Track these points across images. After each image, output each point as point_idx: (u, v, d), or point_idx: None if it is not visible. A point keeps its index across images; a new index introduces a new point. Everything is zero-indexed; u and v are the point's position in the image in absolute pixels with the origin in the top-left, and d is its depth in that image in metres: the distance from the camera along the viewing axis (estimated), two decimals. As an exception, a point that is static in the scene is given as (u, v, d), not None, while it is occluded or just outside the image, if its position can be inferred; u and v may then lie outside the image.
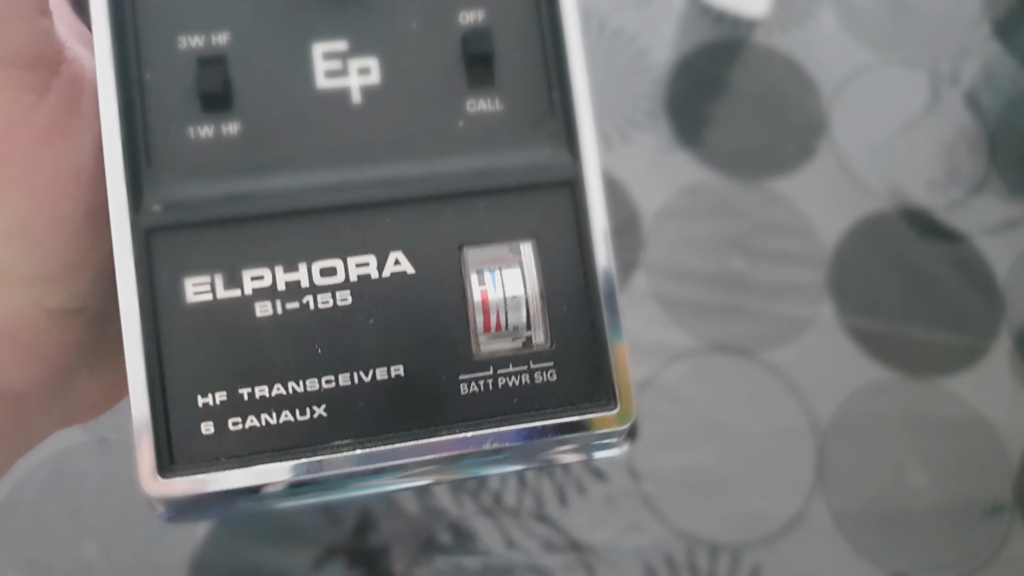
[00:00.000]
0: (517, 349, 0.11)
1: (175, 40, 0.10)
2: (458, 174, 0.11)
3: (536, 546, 0.42)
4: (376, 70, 0.11)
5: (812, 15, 0.58)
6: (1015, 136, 0.54)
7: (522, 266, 0.11)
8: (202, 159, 0.10)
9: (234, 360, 0.10)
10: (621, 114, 0.54)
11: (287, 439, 0.10)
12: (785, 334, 0.48)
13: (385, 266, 0.10)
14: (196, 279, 0.10)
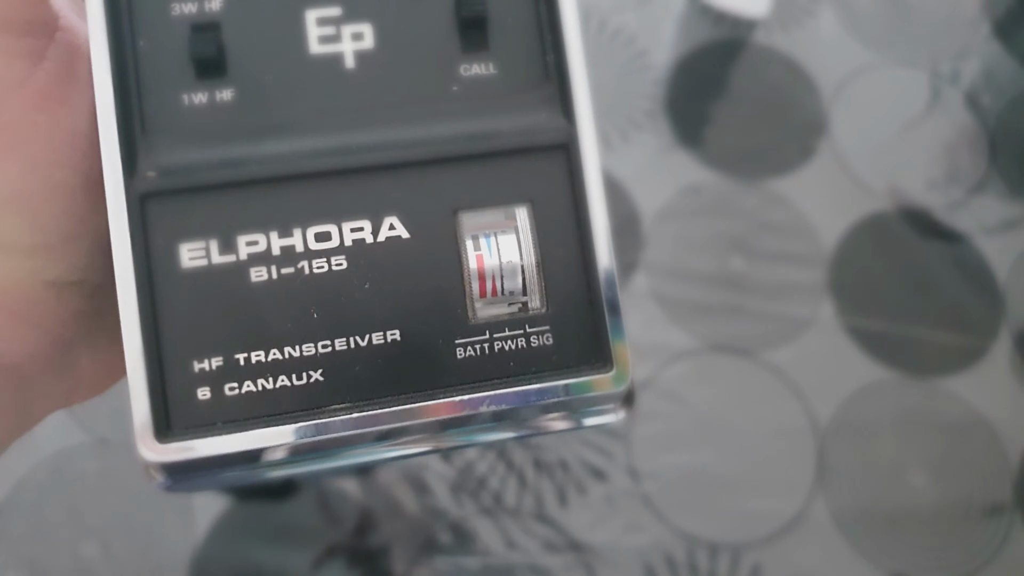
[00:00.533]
0: (513, 314, 0.11)
1: (168, 6, 0.10)
2: (452, 138, 0.11)
3: (536, 546, 0.42)
4: (369, 35, 0.11)
5: (812, 15, 0.58)
6: (1015, 136, 0.54)
7: (518, 231, 0.11)
8: (196, 125, 0.10)
9: (230, 325, 0.10)
10: (621, 114, 0.54)
11: (284, 404, 0.10)
12: (785, 334, 0.47)
13: (380, 231, 0.10)
14: (191, 244, 0.10)
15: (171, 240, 0.10)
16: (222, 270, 0.10)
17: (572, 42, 0.11)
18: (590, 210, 0.12)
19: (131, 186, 0.10)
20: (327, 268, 0.10)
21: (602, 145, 0.52)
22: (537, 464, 0.44)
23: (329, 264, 0.10)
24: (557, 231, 0.11)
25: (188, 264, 0.10)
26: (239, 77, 0.10)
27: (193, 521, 0.42)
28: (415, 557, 0.41)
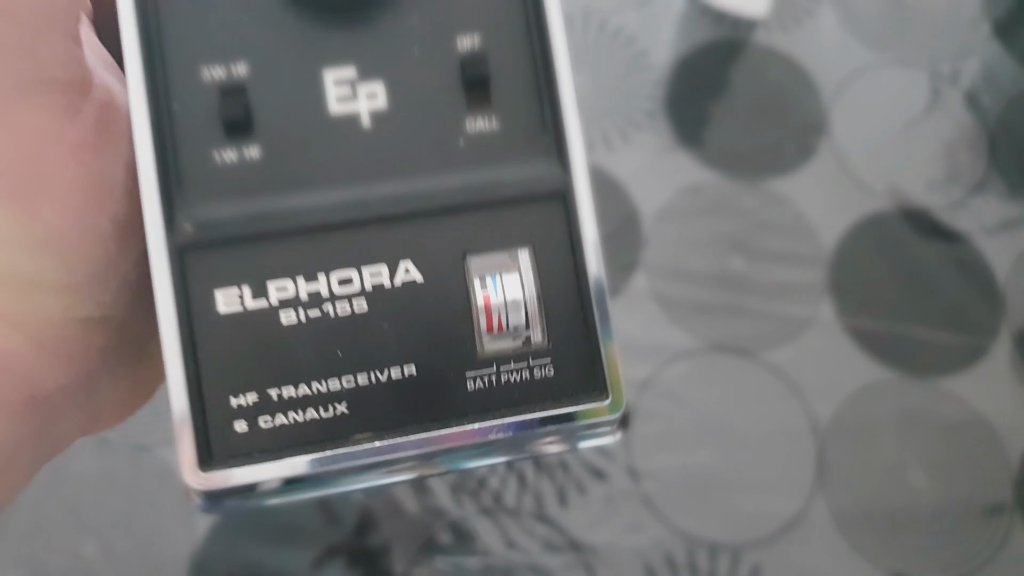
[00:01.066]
0: (517, 347, 0.12)
1: (199, 71, 0.11)
2: (460, 189, 0.12)
3: (536, 546, 0.42)
4: (382, 94, 0.12)
5: (812, 15, 0.58)
6: (1015, 136, 0.54)
7: (520, 272, 0.12)
8: (227, 181, 0.12)
9: (263, 364, 0.11)
10: (621, 114, 0.54)
11: (313, 434, 0.11)
12: (785, 334, 0.47)
13: (396, 275, 0.12)
14: (226, 291, 0.11)
15: (208, 287, 0.11)
16: (255, 314, 0.11)
17: (567, 97, 0.12)
18: (585, 252, 0.13)
19: (171, 240, 0.11)
20: (350, 310, 0.12)
21: (602, 145, 0.53)
22: (537, 464, 0.44)
23: (351, 306, 0.12)
24: (556, 271, 0.12)
25: (224, 309, 0.11)
26: (265, 136, 0.12)
27: (193, 521, 0.42)
28: (415, 557, 0.41)
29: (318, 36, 0.12)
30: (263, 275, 0.11)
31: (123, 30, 0.11)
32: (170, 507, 0.43)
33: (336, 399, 0.11)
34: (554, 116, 0.12)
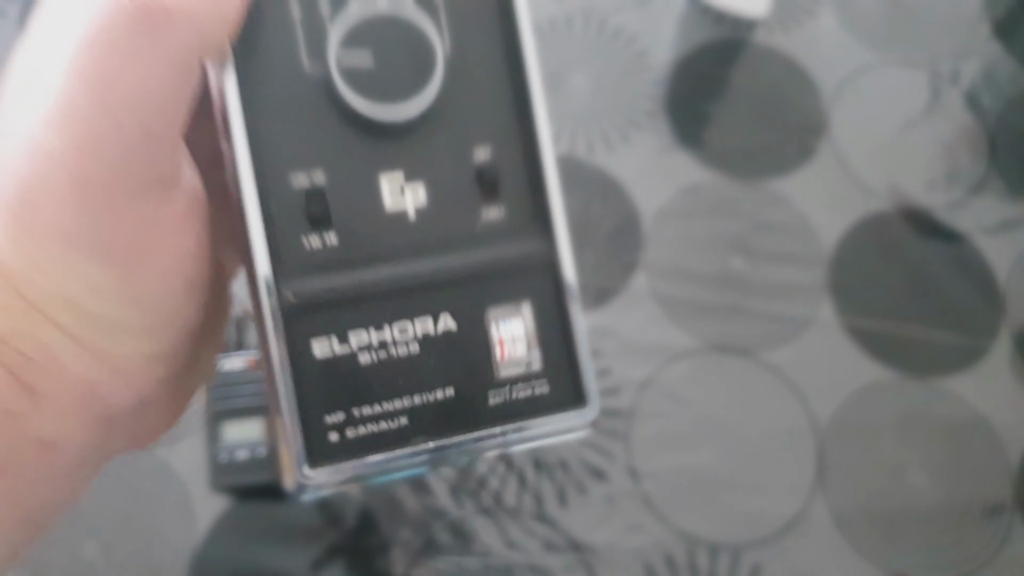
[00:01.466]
0: (522, 372, 0.16)
1: (288, 178, 0.15)
2: (480, 262, 0.16)
3: (536, 546, 0.42)
4: (423, 193, 0.16)
5: (812, 15, 0.58)
6: (1015, 136, 0.54)
7: (523, 318, 0.16)
8: (314, 260, 0.16)
9: (347, 391, 0.16)
10: (621, 114, 0.54)
11: (384, 440, 0.16)
12: (785, 334, 0.47)
13: (438, 324, 0.16)
14: (319, 341, 0.16)
15: (306, 339, 0.15)
16: (340, 356, 0.16)
17: (553, 192, 0.17)
18: (569, 306, 0.17)
19: (279, 305, 0.15)
20: (407, 351, 0.16)
21: (602, 145, 0.53)
22: (537, 464, 0.44)
23: (408, 348, 0.16)
24: (548, 317, 0.17)
25: (318, 354, 0.16)
26: (340, 227, 0.16)
27: (193, 521, 0.42)
28: (415, 557, 0.41)
29: (375, 148, 0.16)
30: (345, 328, 0.16)
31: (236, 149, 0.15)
32: (170, 507, 0.43)
33: (399, 414, 0.16)
34: (543, 207, 0.17)
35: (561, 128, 0.53)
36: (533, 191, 0.17)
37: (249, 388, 0.41)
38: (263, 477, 0.40)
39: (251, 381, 0.41)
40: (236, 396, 0.41)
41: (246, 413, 0.41)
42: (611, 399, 0.45)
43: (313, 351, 0.15)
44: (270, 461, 0.40)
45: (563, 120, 0.53)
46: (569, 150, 0.52)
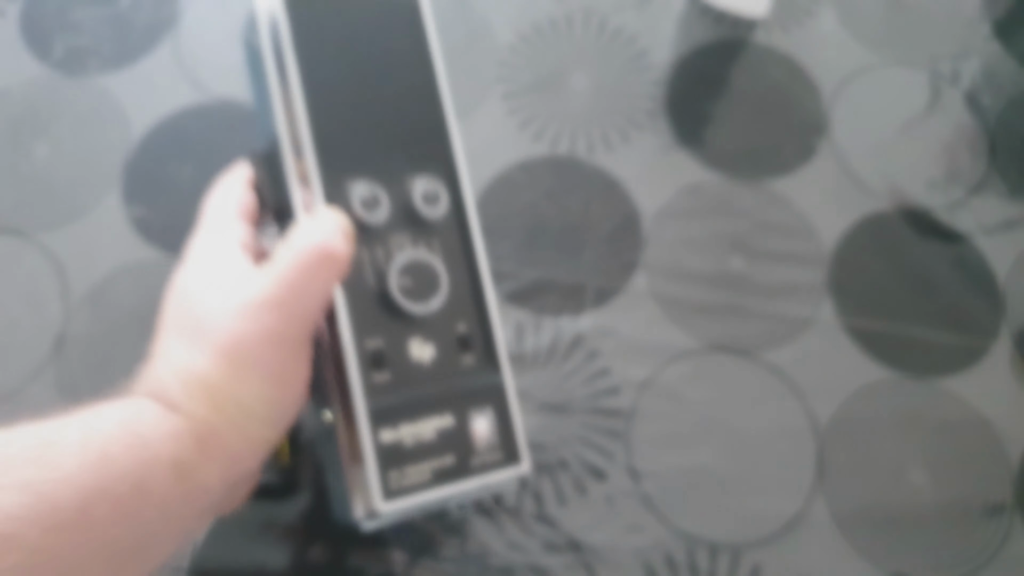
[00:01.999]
0: (486, 446, 0.28)
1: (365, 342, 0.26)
2: (463, 387, 0.28)
3: (536, 546, 0.42)
4: (431, 349, 0.27)
5: (812, 15, 0.58)
6: (1015, 136, 0.55)
7: (487, 417, 0.28)
8: (378, 386, 0.27)
9: (397, 457, 0.26)
10: (621, 114, 0.54)
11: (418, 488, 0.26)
12: (785, 334, 0.48)
13: (443, 420, 0.28)
14: (384, 430, 0.26)
15: (379, 430, 0.26)
16: (395, 438, 0.26)
17: (500, 348, 0.29)
18: (510, 409, 0.28)
19: (364, 410, 0.26)
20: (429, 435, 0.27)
21: (602, 145, 0.53)
22: (537, 464, 0.44)
23: (429, 433, 0.27)
24: (501, 415, 0.28)
25: (384, 439, 0.26)
26: (391, 369, 0.27)
27: (193, 521, 0.42)
28: (414, 557, 0.41)
29: (408, 326, 0.27)
30: (397, 422, 0.27)
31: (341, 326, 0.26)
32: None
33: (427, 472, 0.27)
34: (494, 357, 0.29)
35: (561, 128, 0.53)
36: (487, 349, 0.28)
37: None
38: (264, 478, 0.40)
39: None
40: None
41: None
42: (611, 399, 0.45)
43: (382, 436, 0.26)
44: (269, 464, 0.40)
45: (563, 120, 0.53)
46: (569, 150, 0.52)
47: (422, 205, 0.27)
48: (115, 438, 0.21)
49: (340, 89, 0.26)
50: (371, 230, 0.26)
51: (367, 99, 0.27)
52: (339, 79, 0.26)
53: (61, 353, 0.46)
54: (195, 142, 0.52)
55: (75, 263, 0.48)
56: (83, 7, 0.57)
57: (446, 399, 0.27)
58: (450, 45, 0.57)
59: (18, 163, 0.51)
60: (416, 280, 0.26)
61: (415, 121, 0.28)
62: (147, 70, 0.54)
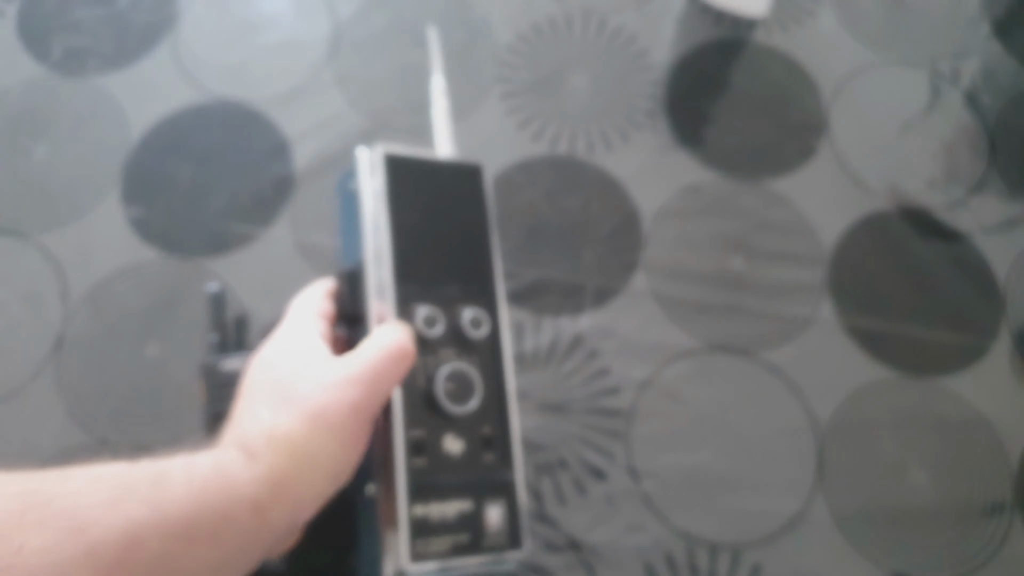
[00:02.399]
0: (496, 531, 0.31)
1: (411, 434, 0.31)
2: (483, 479, 0.32)
3: (536, 545, 0.42)
4: (461, 445, 0.32)
5: (812, 15, 0.58)
6: (1015, 135, 0.55)
7: (499, 508, 0.32)
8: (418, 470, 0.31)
9: (427, 528, 0.30)
10: (621, 114, 0.54)
11: (440, 555, 0.30)
12: (785, 334, 0.48)
13: (464, 506, 0.31)
14: (417, 506, 0.30)
15: (414, 504, 0.30)
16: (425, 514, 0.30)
17: (516, 451, 0.32)
18: (519, 506, 0.32)
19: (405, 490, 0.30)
20: (452, 516, 0.31)
21: (602, 145, 0.53)
22: (537, 464, 0.44)
23: (452, 514, 0.31)
24: (511, 509, 0.32)
25: (417, 513, 0.30)
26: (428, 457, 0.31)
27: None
28: (415, 557, 0.41)
29: (444, 424, 0.32)
30: (428, 502, 0.30)
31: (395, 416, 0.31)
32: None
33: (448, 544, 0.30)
34: (509, 458, 0.32)
35: (561, 128, 0.53)
36: (505, 451, 0.33)
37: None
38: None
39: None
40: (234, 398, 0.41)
41: None
42: (611, 399, 0.45)
43: (415, 509, 0.30)
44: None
45: (563, 120, 0.53)
46: (569, 150, 0.52)
47: (468, 328, 0.33)
48: (210, 476, 0.26)
49: (417, 233, 0.34)
50: (427, 343, 0.33)
51: (437, 242, 0.35)
52: (417, 225, 0.34)
53: (61, 353, 0.46)
54: (194, 142, 0.52)
55: (74, 263, 0.48)
56: (81, 7, 0.57)
57: (468, 487, 0.32)
58: (450, 45, 0.57)
59: (17, 164, 0.51)
60: (457, 386, 0.32)
61: (470, 263, 0.35)
62: (146, 70, 0.54)
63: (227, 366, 0.42)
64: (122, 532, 0.22)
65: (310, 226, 0.49)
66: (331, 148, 0.52)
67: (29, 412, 0.44)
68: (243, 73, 0.54)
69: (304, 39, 0.56)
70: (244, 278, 0.47)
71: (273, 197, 0.50)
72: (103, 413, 0.44)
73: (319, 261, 0.48)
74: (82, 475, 0.24)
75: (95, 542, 0.22)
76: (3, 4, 0.57)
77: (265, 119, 0.53)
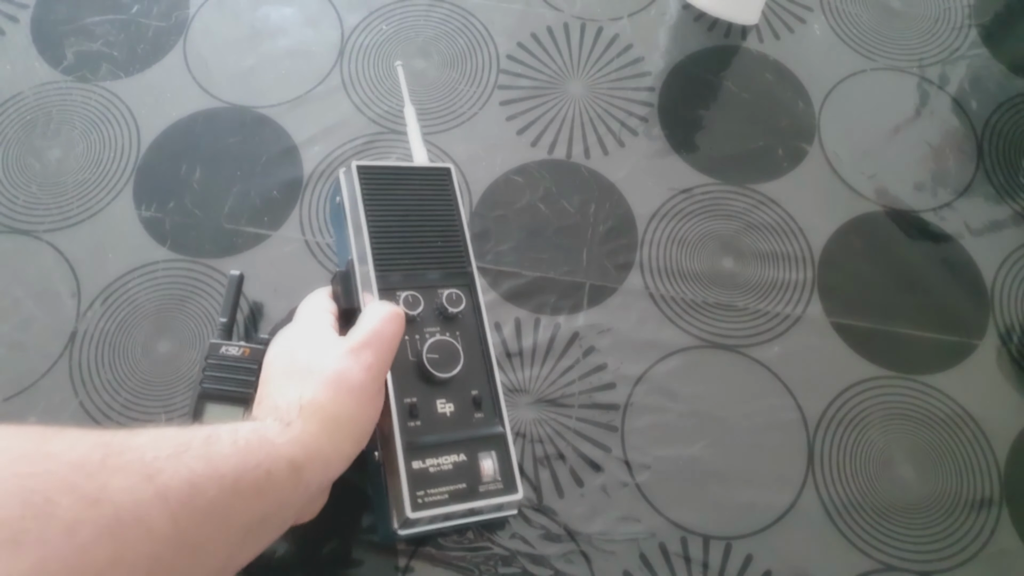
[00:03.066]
0: (491, 478, 0.36)
1: (404, 401, 0.37)
2: (475, 434, 0.37)
3: (534, 536, 0.43)
4: (451, 406, 0.37)
5: (803, 22, 0.59)
6: (1002, 139, 0.55)
7: (492, 458, 0.37)
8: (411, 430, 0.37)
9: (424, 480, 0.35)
10: (616, 119, 0.55)
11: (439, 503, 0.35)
12: (775, 332, 0.48)
13: (459, 457, 0.37)
14: (415, 461, 0.36)
15: (411, 461, 0.36)
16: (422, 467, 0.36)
17: (503, 408, 0.38)
18: (510, 453, 0.37)
19: (401, 448, 0.36)
20: (448, 466, 0.36)
21: (598, 150, 0.54)
22: (535, 457, 0.45)
23: (448, 466, 0.37)
24: (503, 457, 0.37)
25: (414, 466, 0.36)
26: (422, 418, 0.37)
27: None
28: (417, 549, 0.42)
29: (435, 389, 0.37)
30: (424, 456, 0.36)
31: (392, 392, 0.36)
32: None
33: (445, 492, 0.35)
34: (500, 415, 0.38)
35: (558, 133, 0.54)
36: (494, 408, 0.37)
37: (240, 376, 0.42)
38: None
39: (243, 368, 0.43)
40: (227, 381, 0.42)
41: (231, 399, 0.42)
42: (607, 394, 0.46)
43: (413, 464, 0.35)
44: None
45: (561, 125, 0.54)
46: (567, 155, 0.53)
47: (448, 305, 0.38)
48: (252, 439, 0.29)
49: (394, 229, 0.39)
50: (411, 321, 0.38)
51: (413, 236, 0.40)
52: (393, 223, 0.39)
53: (73, 349, 0.47)
54: (204, 146, 0.53)
55: (87, 263, 0.49)
56: (94, 14, 0.58)
57: (461, 442, 0.36)
58: (452, 53, 0.58)
59: (32, 166, 0.52)
60: (441, 355, 0.37)
61: (446, 250, 0.40)
62: (157, 75, 0.55)
63: (224, 351, 0.43)
64: (185, 480, 0.26)
65: (318, 227, 0.50)
66: (338, 152, 0.53)
67: (43, 406, 0.45)
68: (252, 79, 0.55)
69: (312, 46, 0.57)
70: (253, 278, 0.48)
71: (282, 199, 0.51)
72: (115, 409, 0.45)
73: (327, 261, 0.49)
74: (146, 433, 0.27)
75: (164, 486, 0.25)
76: (16, 10, 0.58)
77: (274, 124, 0.54)
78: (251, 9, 0.58)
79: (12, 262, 0.49)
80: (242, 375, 0.42)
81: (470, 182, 0.52)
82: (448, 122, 0.54)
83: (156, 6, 0.58)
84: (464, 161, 0.52)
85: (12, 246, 0.50)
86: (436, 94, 0.55)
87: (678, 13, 0.59)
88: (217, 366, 0.42)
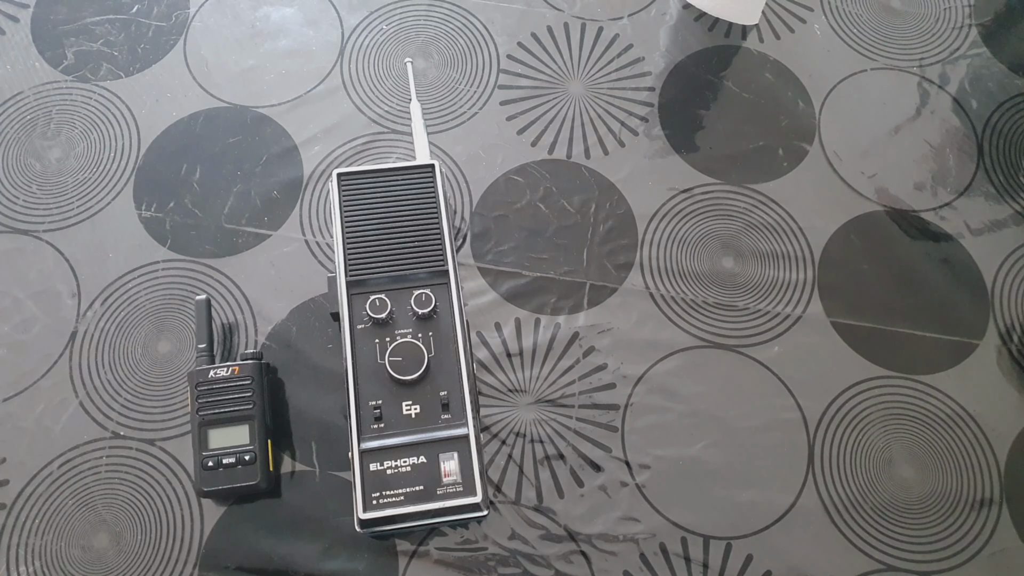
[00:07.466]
0: (452, 481, 0.37)
1: (368, 403, 0.38)
2: (439, 435, 0.37)
3: (535, 536, 0.43)
4: (417, 408, 0.38)
5: (803, 22, 0.59)
6: (1002, 139, 0.55)
7: (454, 459, 0.37)
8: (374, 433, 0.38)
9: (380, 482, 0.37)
10: (616, 119, 0.55)
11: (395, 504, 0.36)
12: (775, 332, 0.48)
13: (419, 460, 0.37)
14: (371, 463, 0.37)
15: (367, 464, 0.37)
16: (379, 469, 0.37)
17: (470, 411, 0.38)
18: (473, 455, 0.37)
19: (358, 452, 0.37)
20: (406, 469, 0.37)
21: (599, 150, 0.54)
22: (535, 457, 0.45)
23: (406, 468, 0.37)
24: (465, 459, 0.37)
25: (371, 468, 0.37)
26: (385, 421, 0.38)
27: (202, 513, 0.43)
28: (419, 548, 0.42)
29: (401, 391, 0.38)
30: (383, 459, 0.37)
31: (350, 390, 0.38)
32: (180, 500, 0.43)
33: (401, 494, 0.36)
34: (465, 417, 0.37)
35: (559, 133, 0.54)
36: (461, 409, 0.37)
37: (235, 395, 0.43)
38: (248, 481, 0.41)
39: (237, 386, 0.43)
40: (223, 403, 0.42)
41: (232, 420, 0.42)
42: (607, 394, 0.46)
43: (370, 467, 0.36)
44: (260, 470, 0.42)
45: (562, 126, 0.54)
46: (567, 155, 0.53)
47: (417, 307, 0.39)
48: None
49: (369, 234, 0.40)
50: (379, 324, 0.38)
51: (389, 238, 0.40)
52: (369, 228, 0.40)
53: (73, 349, 0.47)
54: (204, 145, 0.53)
55: (87, 263, 0.49)
56: (94, 14, 0.58)
57: (423, 444, 0.37)
58: (452, 53, 0.58)
59: (32, 166, 0.52)
60: (403, 358, 0.38)
61: (422, 248, 0.40)
62: (157, 75, 0.55)
63: (215, 374, 0.43)
64: None
65: (318, 227, 0.50)
66: (338, 152, 0.53)
67: (43, 405, 0.45)
68: (253, 79, 0.55)
69: (312, 46, 0.57)
70: (253, 278, 0.48)
71: (282, 199, 0.51)
72: (115, 409, 0.45)
73: (327, 261, 0.49)
74: None
75: None
76: (17, 10, 0.58)
77: (274, 124, 0.54)
78: (251, 9, 0.58)
79: (12, 262, 0.49)
80: (237, 393, 0.43)
81: (470, 182, 0.52)
82: (448, 122, 0.54)
83: (156, 6, 0.58)
84: (464, 161, 0.52)
85: (12, 246, 0.50)
86: (436, 94, 0.55)
87: (678, 13, 0.59)
88: (209, 391, 0.42)
